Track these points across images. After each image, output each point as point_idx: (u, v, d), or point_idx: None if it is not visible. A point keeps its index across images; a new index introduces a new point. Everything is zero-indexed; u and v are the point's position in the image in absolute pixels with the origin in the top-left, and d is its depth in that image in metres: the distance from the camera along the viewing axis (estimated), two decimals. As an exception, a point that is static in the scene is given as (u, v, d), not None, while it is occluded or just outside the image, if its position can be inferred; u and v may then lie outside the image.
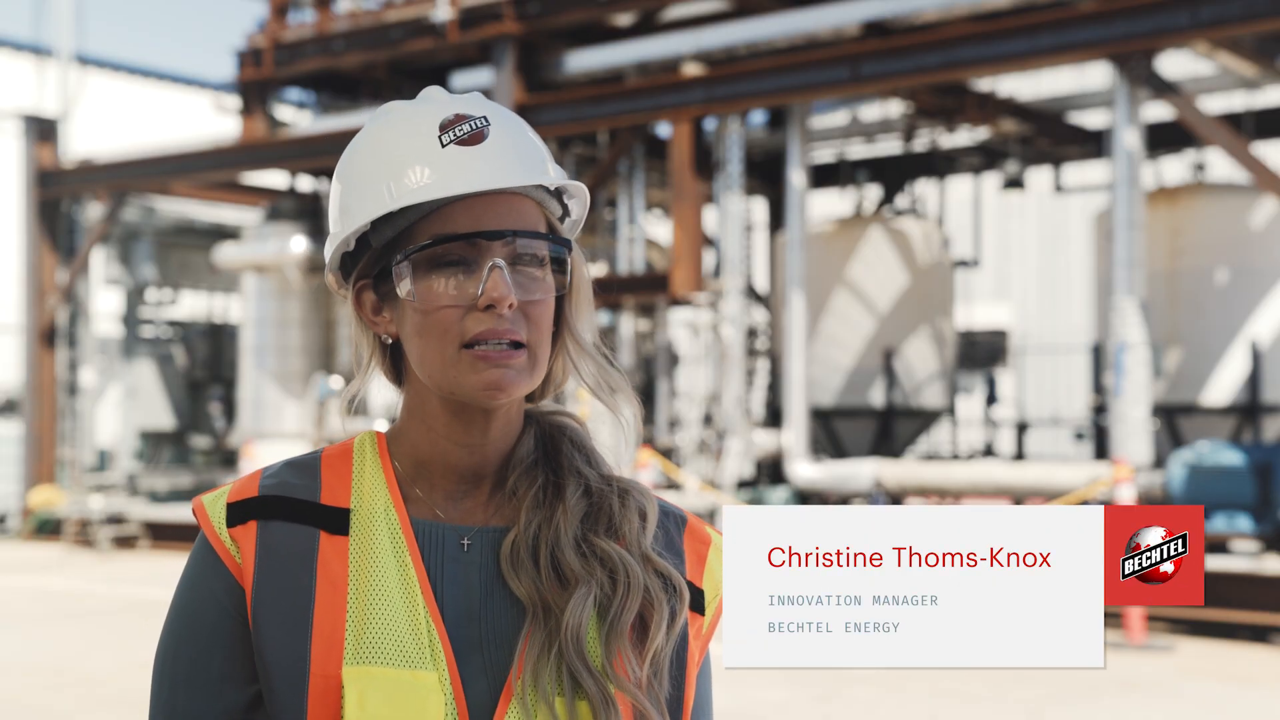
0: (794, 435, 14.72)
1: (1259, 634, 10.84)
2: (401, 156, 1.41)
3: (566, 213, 1.48)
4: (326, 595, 1.38)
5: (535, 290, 1.40)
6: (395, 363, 1.49)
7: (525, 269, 1.40)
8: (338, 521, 1.42)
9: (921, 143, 18.04)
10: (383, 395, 15.40)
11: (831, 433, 16.47)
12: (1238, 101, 16.17)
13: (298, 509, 1.42)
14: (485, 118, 1.42)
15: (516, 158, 1.41)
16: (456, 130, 1.41)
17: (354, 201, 1.43)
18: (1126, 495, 10.40)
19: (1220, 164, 16.55)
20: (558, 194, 1.47)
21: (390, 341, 1.45)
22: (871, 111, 18.45)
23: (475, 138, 1.40)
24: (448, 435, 1.44)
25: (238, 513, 1.43)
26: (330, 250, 1.46)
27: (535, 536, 1.43)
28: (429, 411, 1.44)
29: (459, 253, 1.38)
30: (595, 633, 1.39)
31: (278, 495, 1.43)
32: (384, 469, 1.46)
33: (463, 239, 1.37)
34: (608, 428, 1.62)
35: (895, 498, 15.95)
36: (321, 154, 17.27)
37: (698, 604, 1.47)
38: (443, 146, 1.40)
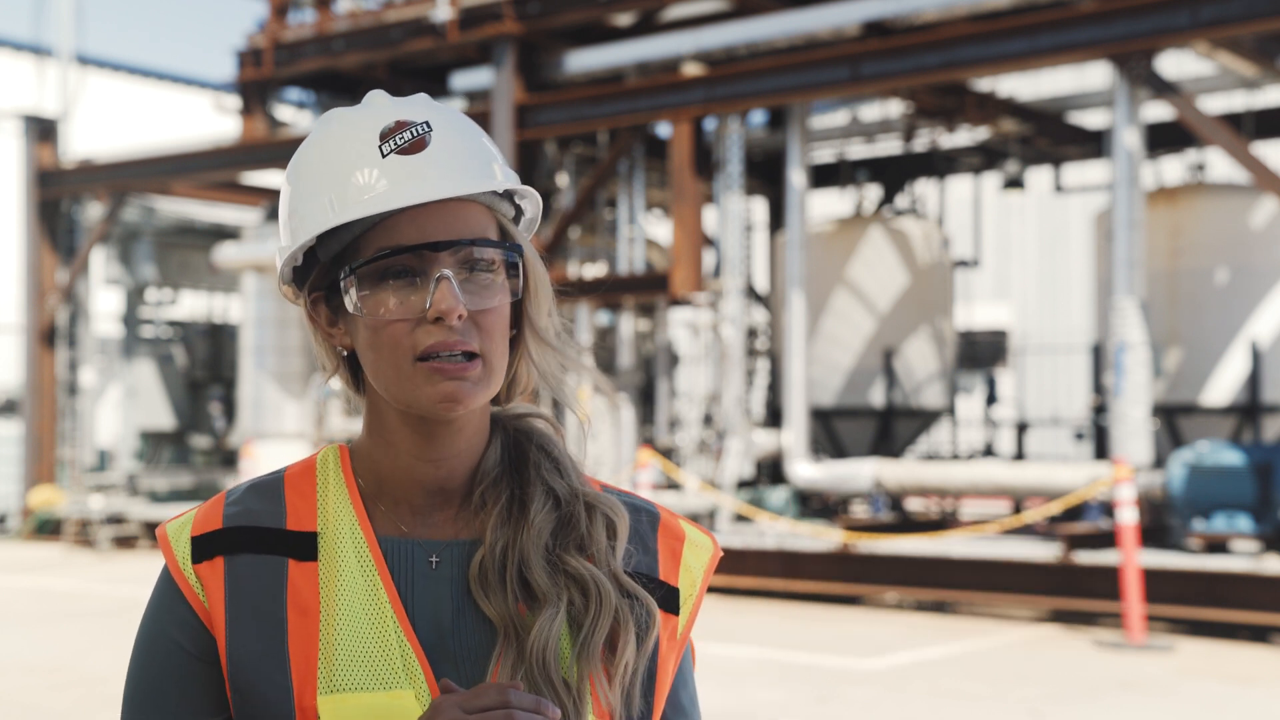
0: (794, 435, 14.71)
1: (1259, 634, 10.84)
2: (342, 168, 1.37)
3: (520, 212, 1.45)
4: (298, 625, 1.36)
5: (487, 298, 1.36)
6: (355, 372, 1.45)
7: (476, 277, 1.36)
8: (305, 547, 1.40)
9: (921, 143, 18.03)
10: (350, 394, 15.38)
11: (831, 433, 16.46)
12: (1238, 101, 16.16)
13: (264, 539, 1.40)
14: (427, 123, 1.38)
15: (460, 164, 1.38)
16: (397, 139, 1.37)
17: (298, 215, 1.40)
18: (1126, 495, 10.40)
19: (1220, 164, 16.55)
20: (508, 194, 1.43)
21: (346, 353, 1.43)
22: (871, 111, 18.45)
23: (416, 145, 1.37)
24: (410, 451, 1.41)
25: (203, 548, 1.41)
26: (280, 264, 1.43)
27: (503, 554, 1.40)
28: (389, 426, 1.41)
29: (407, 264, 1.35)
30: (568, 650, 1.37)
31: (243, 525, 1.41)
32: (348, 487, 1.43)
33: (408, 251, 1.34)
34: (608, 428, 1.61)
35: (895, 497, 15.97)
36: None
37: (672, 603, 1.45)
38: (383, 156, 1.36)
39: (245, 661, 1.36)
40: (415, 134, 1.37)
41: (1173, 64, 15.50)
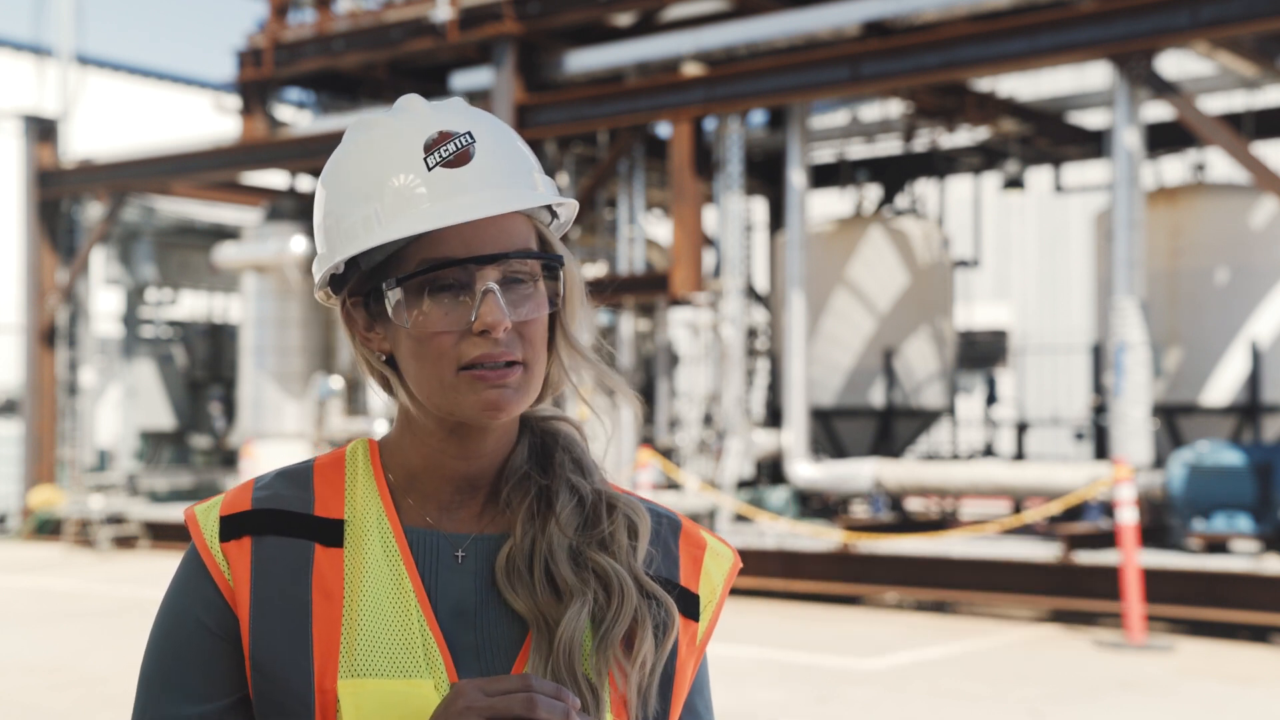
0: (794, 435, 14.71)
1: (1259, 634, 10.84)
2: (387, 180, 1.38)
3: (554, 215, 1.47)
4: (322, 609, 1.38)
5: (529, 309, 1.38)
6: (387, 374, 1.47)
7: (518, 287, 1.38)
8: (332, 533, 1.42)
9: (921, 143, 18.03)
10: (384, 395, 15.38)
11: (831, 433, 16.46)
12: (1238, 101, 16.16)
13: (291, 522, 1.42)
14: (470, 133, 1.39)
15: (505, 176, 1.39)
16: (442, 150, 1.38)
17: (340, 225, 1.41)
18: (1126, 495, 10.39)
19: (1220, 164, 16.55)
20: None
21: (384, 358, 1.43)
22: (871, 111, 18.45)
23: (461, 158, 1.38)
24: (441, 448, 1.43)
25: (231, 527, 1.42)
26: (319, 271, 1.44)
27: (530, 549, 1.42)
28: (423, 426, 1.43)
29: (452, 277, 1.36)
30: (589, 645, 1.39)
31: (271, 509, 1.43)
32: (376, 479, 1.45)
33: (455, 264, 1.36)
34: (608, 427, 1.61)
35: (895, 497, 15.96)
36: (321, 154, 17.25)
37: (693, 609, 1.47)
38: (429, 170, 1.37)
39: (267, 642, 1.38)
40: (459, 145, 1.38)
41: (1173, 64, 15.49)
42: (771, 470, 15.62)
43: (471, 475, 1.44)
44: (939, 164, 18.83)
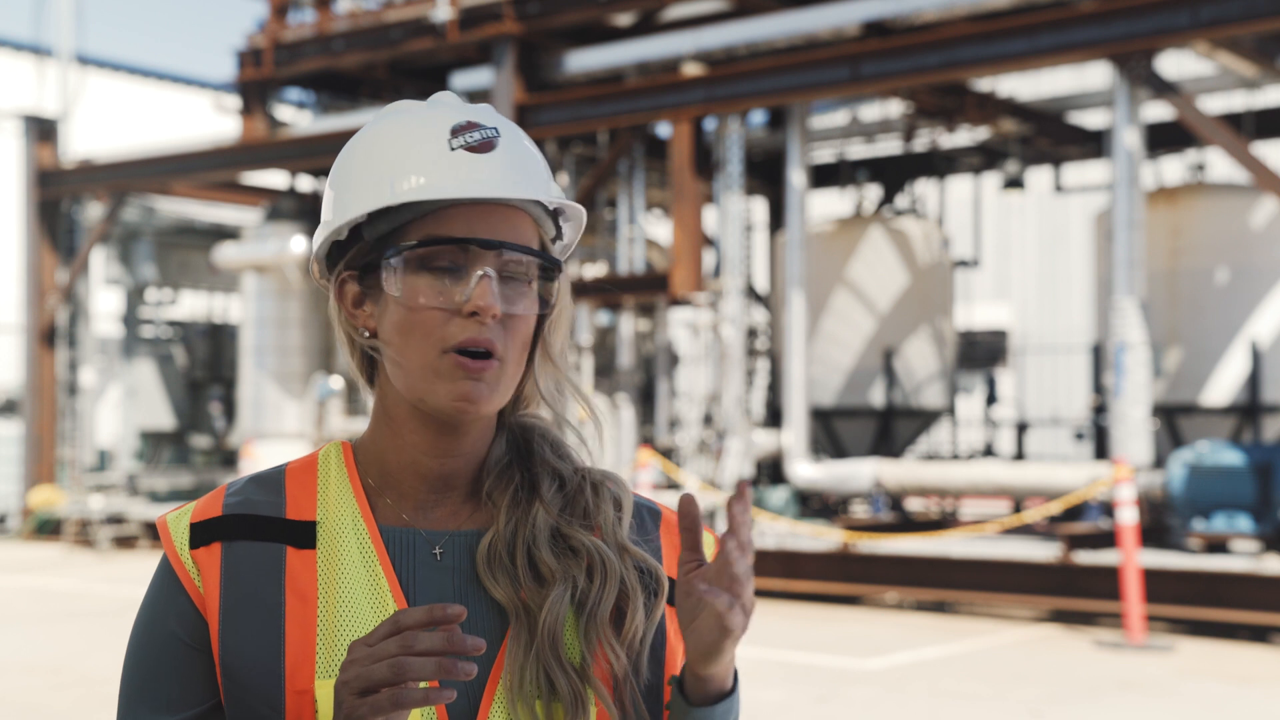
0: (794, 435, 14.71)
1: (1259, 634, 10.84)
2: (408, 153, 1.41)
3: (559, 235, 1.49)
4: (296, 611, 1.38)
5: (519, 305, 1.40)
6: (370, 364, 1.47)
7: (513, 282, 1.40)
8: (304, 535, 1.42)
9: (921, 143, 18.02)
10: (361, 383, 15.37)
11: (831, 433, 16.46)
12: (1238, 101, 16.16)
13: (262, 526, 1.42)
14: (496, 129, 1.43)
15: (522, 172, 1.42)
16: (468, 136, 1.41)
17: (353, 192, 1.43)
18: (1126, 495, 10.39)
19: (1220, 164, 16.54)
20: (554, 214, 1.47)
21: (368, 335, 1.44)
22: (871, 111, 18.44)
23: (484, 146, 1.41)
24: (417, 445, 1.43)
25: (201, 534, 1.43)
26: (321, 237, 1.45)
27: (513, 536, 1.43)
28: (398, 418, 1.44)
29: (450, 257, 1.38)
30: (574, 627, 1.40)
31: (242, 514, 1.43)
32: (350, 479, 1.46)
33: (457, 243, 1.38)
34: (607, 428, 1.62)
35: (895, 497, 15.96)
36: (321, 154, 17.27)
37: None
38: (451, 150, 1.40)
39: (236, 646, 1.38)
40: (485, 135, 1.42)
41: (1173, 64, 15.49)
42: (771, 470, 15.61)
43: (447, 474, 1.45)
44: (939, 164, 18.82)
